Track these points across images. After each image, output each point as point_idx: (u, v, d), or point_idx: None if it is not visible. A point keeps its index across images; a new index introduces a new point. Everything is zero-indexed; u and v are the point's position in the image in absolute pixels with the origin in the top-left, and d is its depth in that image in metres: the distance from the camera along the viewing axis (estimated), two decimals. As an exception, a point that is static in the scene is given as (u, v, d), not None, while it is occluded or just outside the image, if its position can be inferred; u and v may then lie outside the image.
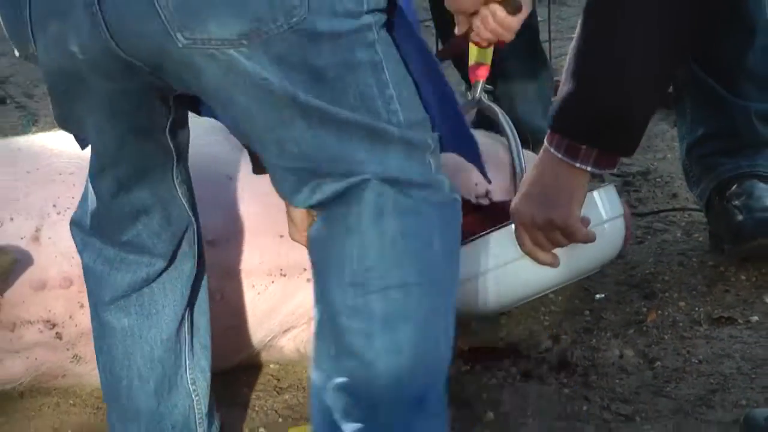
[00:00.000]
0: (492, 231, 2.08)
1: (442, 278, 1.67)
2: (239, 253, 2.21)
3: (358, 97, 1.56)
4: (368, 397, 1.64)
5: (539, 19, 2.91)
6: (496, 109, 2.31)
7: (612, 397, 2.08)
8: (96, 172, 1.73)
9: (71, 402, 2.24)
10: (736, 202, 2.37)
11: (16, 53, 1.62)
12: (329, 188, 1.60)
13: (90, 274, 1.82)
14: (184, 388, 1.82)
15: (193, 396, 1.82)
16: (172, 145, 1.72)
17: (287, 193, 1.68)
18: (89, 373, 2.11)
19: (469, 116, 2.38)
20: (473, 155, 1.81)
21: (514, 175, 2.28)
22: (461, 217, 1.70)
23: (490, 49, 2.24)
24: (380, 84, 1.57)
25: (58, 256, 2.09)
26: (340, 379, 1.62)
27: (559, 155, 1.77)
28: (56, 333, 2.11)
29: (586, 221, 1.91)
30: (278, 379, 2.27)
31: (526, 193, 1.83)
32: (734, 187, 2.39)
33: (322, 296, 1.65)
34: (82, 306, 2.04)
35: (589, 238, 1.93)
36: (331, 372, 1.64)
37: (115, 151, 1.69)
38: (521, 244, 1.86)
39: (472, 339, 2.29)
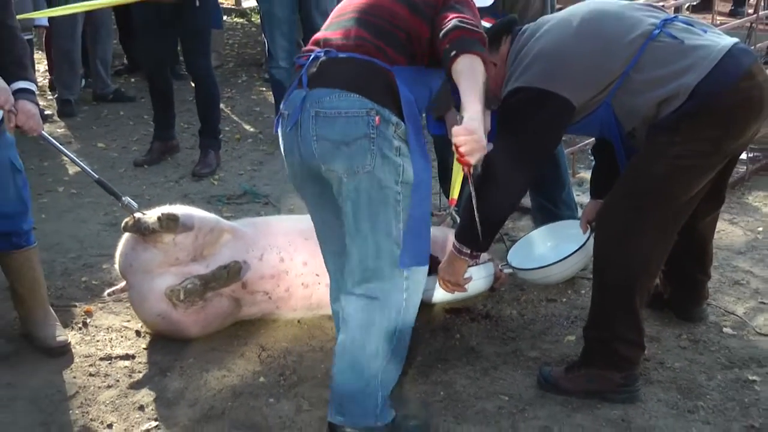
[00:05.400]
0: (431, 275, 2.72)
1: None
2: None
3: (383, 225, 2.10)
4: None
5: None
6: (457, 218, 3.19)
7: (506, 330, 3.19)
8: (320, 244, 2.44)
9: (275, 323, 3.27)
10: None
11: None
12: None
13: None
14: None
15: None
16: None
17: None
18: (282, 314, 3.25)
19: (448, 222, 3.41)
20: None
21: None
22: None
23: (458, 189, 3.32)
24: (396, 225, 2.11)
25: (267, 265, 3.23)
26: None
27: (454, 251, 2.61)
28: (269, 296, 3.27)
29: (469, 278, 2.69)
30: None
31: (442, 265, 2.67)
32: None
33: None
34: (278, 285, 3.20)
35: (465, 285, 2.71)
36: None
37: (322, 227, 2.37)
38: (439, 284, 2.78)
39: (449, 306, 3.34)
